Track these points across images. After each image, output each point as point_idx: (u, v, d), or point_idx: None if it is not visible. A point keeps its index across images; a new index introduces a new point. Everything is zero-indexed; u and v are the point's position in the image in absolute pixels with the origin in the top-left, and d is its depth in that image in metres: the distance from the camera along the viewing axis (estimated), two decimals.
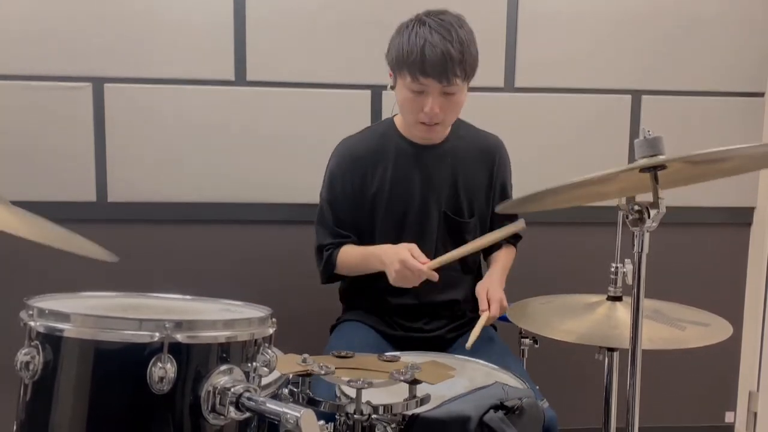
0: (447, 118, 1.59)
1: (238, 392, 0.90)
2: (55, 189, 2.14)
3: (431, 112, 1.53)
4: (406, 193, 1.67)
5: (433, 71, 1.47)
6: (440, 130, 1.62)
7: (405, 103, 1.57)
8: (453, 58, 1.46)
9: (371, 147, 1.69)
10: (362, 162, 1.67)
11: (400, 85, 1.56)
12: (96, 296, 1.13)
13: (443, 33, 1.47)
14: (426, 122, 1.56)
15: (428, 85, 1.50)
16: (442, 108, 1.53)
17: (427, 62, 1.46)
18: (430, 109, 1.52)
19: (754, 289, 2.46)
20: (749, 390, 2.47)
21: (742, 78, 2.37)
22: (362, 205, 1.68)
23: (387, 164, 1.67)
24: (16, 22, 2.09)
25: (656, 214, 1.08)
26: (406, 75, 1.51)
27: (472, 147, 1.71)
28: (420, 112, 1.54)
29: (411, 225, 1.68)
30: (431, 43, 1.46)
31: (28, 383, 0.90)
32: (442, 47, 1.46)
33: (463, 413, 1.09)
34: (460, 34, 1.49)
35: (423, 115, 1.54)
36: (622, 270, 1.44)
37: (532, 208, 1.39)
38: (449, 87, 1.50)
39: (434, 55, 1.45)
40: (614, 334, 1.35)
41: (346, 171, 1.68)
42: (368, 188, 1.67)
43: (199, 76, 2.17)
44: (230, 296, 1.16)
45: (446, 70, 1.47)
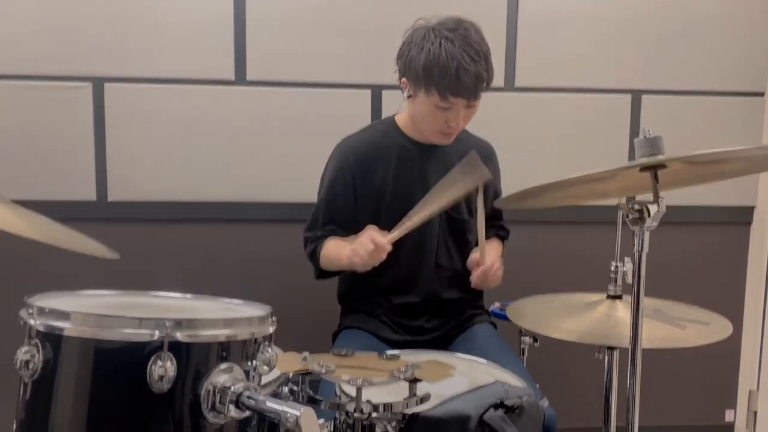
0: (464, 125, 1.63)
1: (238, 391, 0.90)
2: (55, 189, 2.14)
3: (457, 126, 1.56)
4: (408, 191, 1.67)
5: (465, 92, 1.50)
6: (455, 135, 1.64)
7: (427, 116, 1.57)
8: (483, 79, 1.50)
9: (373, 145, 1.69)
10: (364, 160, 1.68)
11: (423, 100, 1.54)
12: (96, 295, 1.13)
13: (472, 53, 1.48)
14: (447, 132, 1.59)
15: (456, 103, 1.52)
16: (464, 119, 1.58)
17: (461, 85, 1.48)
18: (456, 124, 1.56)
19: (754, 289, 2.46)
20: (749, 389, 2.47)
21: (742, 78, 2.37)
22: (364, 204, 1.68)
23: (389, 163, 1.68)
24: (16, 21, 2.09)
25: (656, 213, 1.08)
26: (434, 93, 1.50)
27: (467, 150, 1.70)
28: (443, 124, 1.56)
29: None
30: (464, 66, 1.46)
31: (28, 382, 0.90)
32: (474, 70, 1.47)
33: (463, 412, 1.09)
34: (484, 50, 1.51)
35: (446, 128, 1.57)
36: (622, 269, 1.44)
37: (529, 204, 1.38)
38: (475, 101, 1.55)
39: (468, 78, 1.47)
40: (614, 333, 1.35)
41: (348, 170, 1.68)
42: (371, 186, 1.68)
43: (199, 76, 2.17)
44: (230, 295, 1.15)
45: (477, 90, 1.51)
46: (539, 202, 1.35)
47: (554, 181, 1.10)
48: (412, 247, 1.66)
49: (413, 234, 1.65)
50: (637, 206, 1.10)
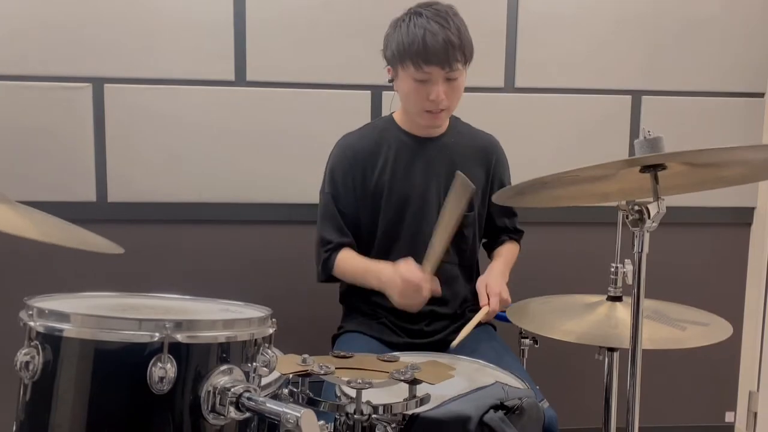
0: (451, 104, 1.62)
1: (238, 392, 0.89)
2: (55, 189, 2.14)
3: (437, 99, 1.56)
4: (406, 184, 1.68)
5: (436, 59, 1.51)
6: (445, 116, 1.65)
7: (410, 94, 1.59)
8: (454, 44, 1.51)
9: (371, 141, 1.71)
10: (362, 156, 1.69)
11: (402, 77, 1.59)
12: (96, 296, 1.13)
13: (441, 21, 1.52)
14: (432, 110, 1.59)
15: (432, 72, 1.53)
16: (447, 94, 1.57)
17: (429, 50, 1.50)
18: (437, 96, 1.55)
19: (754, 289, 2.46)
20: (749, 390, 2.47)
21: (742, 78, 2.37)
22: (364, 199, 1.69)
23: (387, 157, 1.69)
24: (15, 21, 2.09)
25: (656, 214, 1.08)
26: (409, 65, 1.54)
27: (470, 143, 1.74)
28: (425, 100, 1.57)
29: (412, 216, 1.68)
30: (431, 31, 1.50)
31: (28, 383, 0.90)
32: (442, 35, 1.50)
33: (463, 413, 1.09)
34: (456, 21, 1.54)
35: (429, 103, 1.57)
36: (622, 270, 1.44)
37: (528, 201, 1.38)
38: (452, 72, 1.54)
39: (436, 42, 1.50)
40: (614, 334, 1.35)
41: (347, 166, 1.69)
42: (369, 181, 1.69)
43: (199, 76, 2.17)
44: (230, 296, 1.15)
45: (448, 56, 1.51)
46: (538, 199, 1.34)
47: (553, 173, 1.10)
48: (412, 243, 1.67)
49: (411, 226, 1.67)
50: (637, 207, 1.10)
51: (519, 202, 1.57)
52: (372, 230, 1.71)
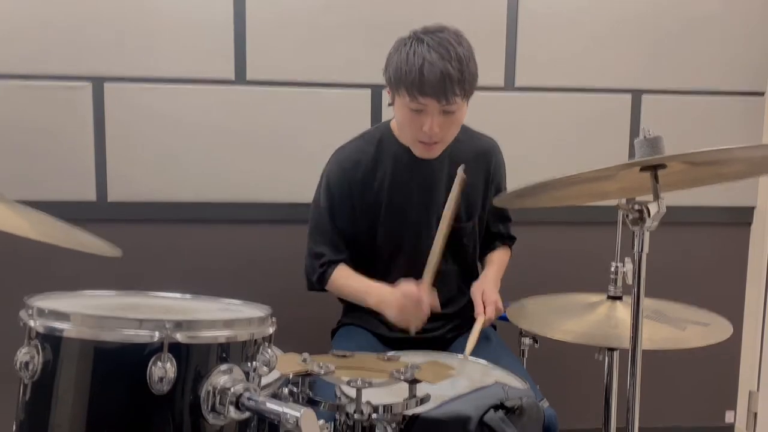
0: (446, 136, 1.57)
1: (237, 392, 0.89)
2: (55, 189, 2.14)
3: (431, 132, 1.50)
4: (405, 198, 1.66)
5: (432, 91, 1.45)
6: (439, 148, 1.60)
7: (404, 122, 1.56)
8: (452, 78, 1.44)
9: (368, 154, 1.67)
10: (360, 170, 1.66)
11: (398, 103, 1.54)
12: (96, 296, 1.13)
13: (441, 51, 1.44)
14: (425, 141, 1.55)
15: (427, 104, 1.47)
16: (442, 127, 1.51)
17: (425, 82, 1.44)
18: (429, 129, 1.50)
19: (755, 290, 2.46)
20: (749, 390, 2.47)
21: (742, 78, 2.36)
22: (362, 213, 1.67)
23: (385, 171, 1.66)
24: (16, 21, 2.09)
25: (656, 213, 1.08)
26: (405, 94, 1.48)
27: (469, 150, 1.70)
28: (419, 130, 1.52)
29: (410, 230, 1.67)
30: (429, 62, 1.43)
31: (28, 383, 0.90)
32: (440, 66, 1.43)
33: (463, 413, 1.09)
34: (458, 52, 1.46)
35: (422, 134, 1.52)
36: (622, 270, 1.44)
37: (528, 203, 1.38)
38: (448, 106, 1.48)
39: (432, 74, 1.43)
40: (614, 334, 1.35)
41: (344, 179, 1.66)
42: (368, 196, 1.66)
43: (199, 76, 2.17)
44: (230, 296, 1.15)
45: (445, 89, 1.44)
46: (539, 200, 1.35)
47: (553, 178, 1.10)
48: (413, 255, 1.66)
49: (411, 240, 1.66)
50: (637, 206, 1.10)
51: (519, 203, 1.57)
52: (371, 245, 1.69)
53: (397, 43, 1.55)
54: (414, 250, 1.66)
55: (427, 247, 1.56)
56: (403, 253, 1.68)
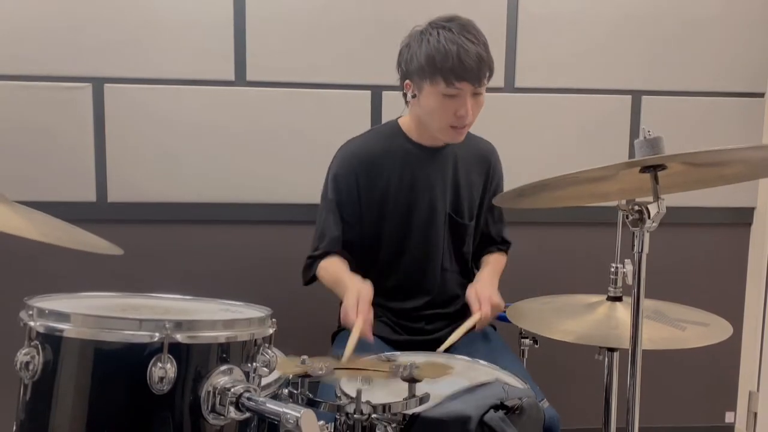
0: (474, 119, 1.60)
1: (238, 392, 0.89)
2: (55, 189, 2.14)
3: (466, 115, 1.53)
4: (412, 194, 1.67)
5: (470, 75, 1.49)
6: (466, 132, 1.62)
7: (436, 110, 1.55)
8: (485, 61, 1.50)
9: (377, 149, 1.68)
10: (368, 163, 1.66)
11: (429, 92, 1.54)
12: (96, 296, 1.13)
13: (470, 38, 1.49)
14: (457, 125, 1.56)
15: (462, 88, 1.50)
16: (473, 109, 1.55)
17: (465, 67, 1.47)
18: (465, 112, 1.53)
19: (755, 290, 2.46)
20: (749, 390, 2.47)
21: (742, 78, 2.37)
22: (369, 207, 1.67)
23: (394, 166, 1.67)
24: (16, 21, 2.09)
25: (656, 214, 1.08)
26: (440, 81, 1.50)
27: (471, 151, 1.73)
28: (452, 116, 1.54)
29: (417, 226, 1.68)
30: (465, 48, 1.48)
31: (28, 383, 0.90)
32: (475, 51, 1.48)
33: (464, 413, 1.09)
34: (482, 37, 1.53)
35: (455, 119, 1.54)
36: (622, 270, 1.44)
37: (528, 203, 1.38)
38: (480, 88, 1.53)
39: (469, 59, 1.47)
40: (614, 335, 1.35)
41: (351, 172, 1.66)
42: (375, 190, 1.66)
43: (199, 76, 2.17)
44: (230, 296, 1.15)
45: (480, 72, 1.50)
46: (538, 201, 1.35)
47: (553, 177, 1.10)
48: (419, 252, 1.67)
49: (417, 236, 1.66)
50: (637, 207, 1.10)
51: (519, 203, 1.57)
52: (377, 240, 1.69)
53: (413, 34, 1.56)
54: (417, 248, 1.67)
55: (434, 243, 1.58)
56: (408, 251, 1.68)
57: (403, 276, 1.69)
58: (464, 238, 1.71)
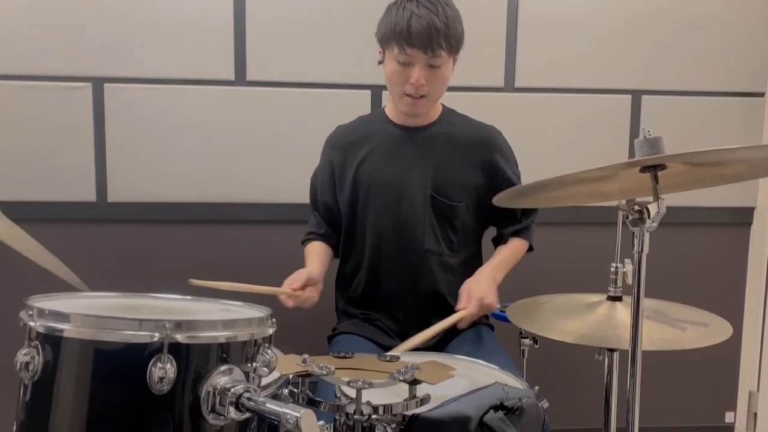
0: (432, 92, 1.61)
1: (237, 392, 0.89)
2: (55, 189, 2.14)
3: (417, 83, 1.56)
4: (390, 173, 1.68)
5: (419, 41, 1.51)
6: (425, 103, 1.63)
7: (392, 76, 1.61)
8: (438, 30, 1.51)
9: (358, 132, 1.74)
10: (345, 145, 1.73)
11: (387, 58, 1.60)
12: (96, 296, 1.13)
13: (429, 7, 1.53)
14: (411, 94, 1.59)
15: (414, 55, 1.54)
16: (428, 80, 1.57)
17: (413, 33, 1.51)
18: (416, 80, 1.56)
19: (754, 289, 2.46)
20: (749, 390, 2.47)
21: (742, 78, 2.37)
22: (342, 187, 1.72)
23: (372, 147, 1.70)
24: (16, 21, 2.09)
25: (656, 214, 1.08)
26: (394, 47, 1.55)
27: (464, 134, 1.70)
28: (406, 83, 1.58)
29: (397, 205, 1.68)
30: (417, 15, 1.52)
31: (28, 383, 0.90)
32: (427, 19, 1.51)
33: (463, 413, 1.09)
34: (446, 10, 1.54)
35: (409, 87, 1.58)
36: (622, 270, 1.44)
37: (529, 203, 1.38)
38: (434, 59, 1.54)
39: (420, 25, 1.51)
40: (614, 335, 1.35)
41: (328, 154, 1.75)
42: (348, 170, 1.70)
43: (199, 76, 2.17)
44: (230, 296, 1.15)
45: (431, 40, 1.51)
46: (539, 200, 1.35)
47: (553, 177, 1.10)
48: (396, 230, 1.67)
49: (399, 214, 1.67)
50: (637, 207, 1.10)
51: (519, 203, 1.57)
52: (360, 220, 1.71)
53: (388, 6, 1.61)
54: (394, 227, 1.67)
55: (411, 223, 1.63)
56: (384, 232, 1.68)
57: (384, 257, 1.69)
58: (452, 219, 1.69)
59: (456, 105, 1.77)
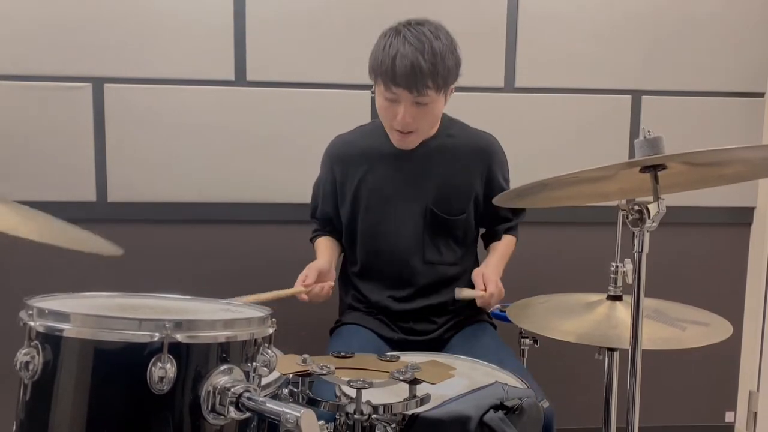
0: (421, 127, 1.60)
1: (237, 392, 0.89)
2: (55, 189, 2.14)
3: (403, 121, 1.55)
4: (387, 189, 1.68)
5: (403, 81, 1.48)
6: (414, 138, 1.62)
7: (381, 111, 1.60)
8: (423, 70, 1.47)
9: (357, 145, 1.73)
10: (347, 160, 1.72)
11: (378, 92, 1.59)
12: (96, 296, 1.13)
13: (416, 44, 1.48)
14: (399, 129, 1.58)
15: (399, 94, 1.51)
16: (415, 118, 1.55)
17: (397, 73, 1.48)
18: (402, 119, 1.54)
19: (755, 290, 2.46)
20: (749, 390, 2.47)
21: (742, 78, 2.37)
22: (344, 199, 1.72)
23: (371, 161, 1.69)
24: (16, 21, 2.09)
25: (656, 214, 1.08)
26: (380, 83, 1.53)
27: (464, 145, 1.70)
28: (393, 119, 1.56)
29: (392, 220, 1.68)
30: (402, 54, 1.47)
31: (28, 383, 0.90)
32: (412, 58, 1.46)
33: (463, 413, 1.09)
34: (434, 46, 1.48)
35: (396, 123, 1.57)
36: (622, 269, 1.44)
37: (528, 202, 1.38)
38: (420, 97, 1.51)
39: (403, 66, 1.47)
40: (614, 334, 1.35)
41: (331, 165, 1.74)
42: (351, 183, 1.71)
43: (199, 76, 2.17)
44: (230, 296, 1.16)
45: (416, 81, 1.48)
46: (538, 200, 1.35)
47: (552, 177, 1.10)
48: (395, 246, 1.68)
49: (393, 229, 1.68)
50: (637, 207, 1.10)
51: (519, 203, 1.57)
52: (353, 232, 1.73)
53: (381, 34, 1.59)
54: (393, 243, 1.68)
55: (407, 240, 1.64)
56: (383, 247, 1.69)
57: (384, 268, 1.70)
58: (453, 231, 1.70)
59: (456, 105, 1.76)
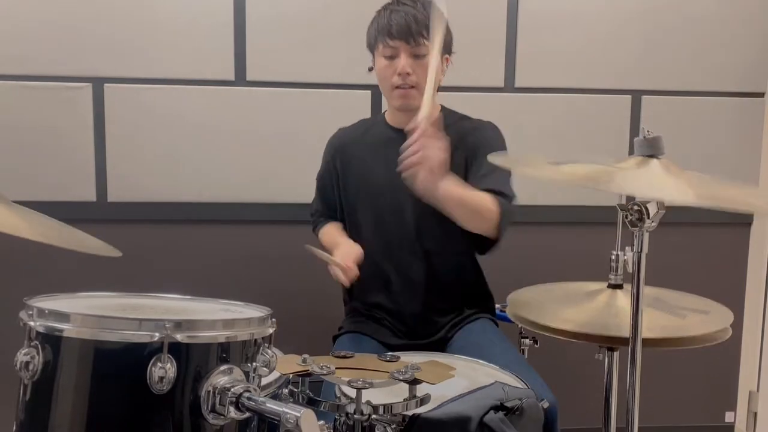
0: (421, 81, 1.59)
1: (237, 392, 0.89)
2: (55, 189, 2.14)
3: (402, 71, 1.60)
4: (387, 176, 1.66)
5: (400, 32, 1.58)
6: (415, 95, 1.61)
7: (381, 72, 1.65)
8: (417, 20, 1.57)
9: (357, 135, 1.78)
10: (346, 146, 1.76)
11: (376, 57, 1.66)
12: (96, 296, 1.13)
13: (409, 3, 1.61)
14: (401, 85, 1.62)
15: (397, 47, 1.59)
16: (414, 69, 1.60)
17: (393, 26, 1.58)
18: (402, 68, 1.59)
19: (755, 290, 2.46)
20: (749, 390, 2.47)
21: (742, 78, 2.37)
22: (347, 188, 1.74)
23: (370, 149, 1.73)
24: (16, 21, 2.09)
25: (656, 213, 1.08)
26: (379, 44, 1.62)
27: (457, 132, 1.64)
28: (394, 75, 1.61)
29: (396, 207, 1.67)
30: (397, 11, 1.60)
31: (28, 383, 0.90)
32: (405, 11, 1.59)
33: (464, 414, 1.09)
34: (426, 6, 1.58)
35: (396, 78, 1.61)
36: (622, 257, 1.43)
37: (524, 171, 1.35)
38: (417, 48, 1.58)
39: (399, 18, 1.59)
40: (614, 323, 1.34)
41: (331, 156, 1.78)
42: (351, 171, 1.73)
43: (199, 76, 2.17)
44: (230, 296, 1.15)
45: (411, 30, 1.57)
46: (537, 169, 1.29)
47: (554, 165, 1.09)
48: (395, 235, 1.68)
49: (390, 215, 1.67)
50: (636, 207, 1.10)
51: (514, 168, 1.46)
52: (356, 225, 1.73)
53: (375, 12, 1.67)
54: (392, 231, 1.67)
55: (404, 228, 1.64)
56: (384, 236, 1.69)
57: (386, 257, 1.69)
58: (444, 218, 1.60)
59: (456, 105, 1.76)
